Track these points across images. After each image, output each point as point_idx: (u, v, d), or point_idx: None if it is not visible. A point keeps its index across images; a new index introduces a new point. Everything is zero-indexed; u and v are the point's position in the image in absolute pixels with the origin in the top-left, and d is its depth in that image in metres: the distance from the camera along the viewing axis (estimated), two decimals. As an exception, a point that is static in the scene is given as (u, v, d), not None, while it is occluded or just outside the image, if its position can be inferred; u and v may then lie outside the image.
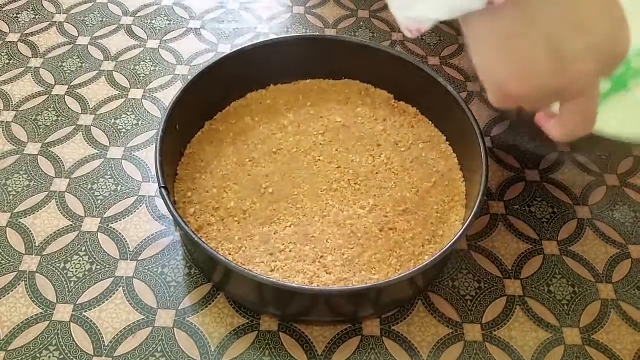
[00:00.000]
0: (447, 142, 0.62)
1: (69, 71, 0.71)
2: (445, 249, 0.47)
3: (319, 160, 0.59)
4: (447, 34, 0.79)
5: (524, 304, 0.54)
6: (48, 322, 0.50)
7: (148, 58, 0.73)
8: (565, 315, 0.53)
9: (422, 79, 0.60)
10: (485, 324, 0.52)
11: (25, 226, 0.56)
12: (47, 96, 0.68)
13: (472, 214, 0.49)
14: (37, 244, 0.55)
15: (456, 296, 0.54)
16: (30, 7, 0.79)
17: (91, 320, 0.51)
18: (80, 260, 0.54)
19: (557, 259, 0.57)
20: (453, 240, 0.48)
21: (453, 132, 0.61)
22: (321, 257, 0.52)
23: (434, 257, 0.47)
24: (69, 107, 0.67)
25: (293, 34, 0.78)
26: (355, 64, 0.65)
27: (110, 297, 0.52)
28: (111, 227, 0.57)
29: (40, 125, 0.65)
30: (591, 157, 0.66)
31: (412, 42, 0.77)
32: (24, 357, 0.48)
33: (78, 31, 0.76)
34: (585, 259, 0.57)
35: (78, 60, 0.72)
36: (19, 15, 0.77)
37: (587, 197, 0.62)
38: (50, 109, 0.67)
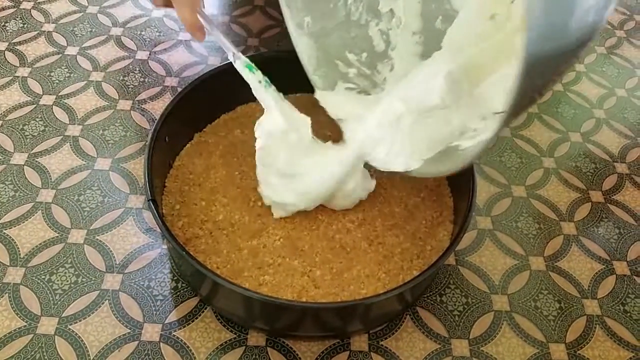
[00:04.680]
0: (435, 157, 0.62)
1: (57, 81, 0.71)
2: (434, 264, 0.47)
3: (308, 173, 0.59)
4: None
5: (511, 319, 0.54)
6: (32, 335, 0.50)
7: (137, 69, 0.73)
8: (551, 331, 0.54)
9: (411, 95, 0.61)
10: (472, 339, 0.52)
11: (10, 237, 0.56)
12: (34, 106, 0.67)
13: (461, 230, 0.49)
14: (22, 256, 0.54)
15: (444, 311, 0.54)
16: (19, 16, 0.78)
17: (76, 334, 0.50)
18: (65, 273, 0.54)
19: (544, 275, 0.58)
20: (442, 256, 0.48)
21: (441, 147, 0.61)
22: (310, 271, 0.52)
23: (422, 272, 0.47)
24: (56, 117, 0.67)
25: (283, 48, 0.78)
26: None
27: (96, 310, 0.52)
28: (97, 239, 0.56)
29: (27, 135, 0.64)
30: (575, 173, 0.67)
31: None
32: (6, 371, 0.48)
33: (67, 41, 0.76)
34: (571, 274, 0.58)
35: (66, 70, 0.72)
36: (6, 24, 0.77)
37: (573, 213, 0.63)
38: (37, 119, 0.66)
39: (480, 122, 0.46)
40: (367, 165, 0.52)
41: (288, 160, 0.52)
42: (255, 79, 0.52)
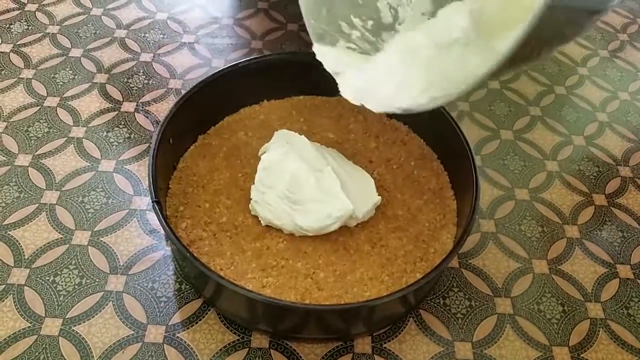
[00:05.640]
0: (438, 160, 0.62)
1: (61, 83, 0.71)
2: (437, 267, 0.47)
3: (312, 176, 0.59)
4: (439, 53, 0.80)
5: (514, 322, 0.54)
6: (36, 336, 0.50)
7: (141, 71, 0.73)
8: (554, 334, 0.54)
9: (414, 97, 0.61)
10: (476, 342, 0.52)
11: (15, 238, 0.56)
12: (38, 107, 0.68)
13: (464, 233, 0.49)
14: (26, 257, 0.55)
15: (447, 314, 0.54)
16: (24, 18, 0.79)
17: (80, 335, 0.50)
18: (69, 274, 0.54)
19: (547, 278, 0.58)
20: (445, 258, 0.48)
21: (444, 150, 0.62)
22: (313, 273, 0.52)
23: (426, 275, 0.47)
24: (60, 119, 0.67)
25: (287, 51, 0.78)
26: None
27: (100, 311, 0.52)
28: (101, 240, 0.57)
29: (31, 137, 0.65)
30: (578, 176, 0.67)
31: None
32: (10, 372, 0.48)
33: (71, 43, 0.76)
34: (574, 277, 0.58)
35: (71, 72, 0.72)
36: (11, 26, 0.77)
37: (576, 216, 0.63)
38: (41, 121, 0.66)
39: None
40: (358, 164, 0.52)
41: (292, 185, 0.52)
42: None
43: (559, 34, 0.36)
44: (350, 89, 0.51)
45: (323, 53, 0.54)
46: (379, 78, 0.49)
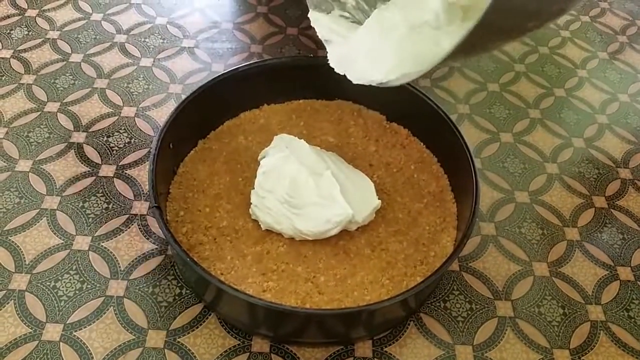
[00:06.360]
0: (438, 163, 0.62)
1: (61, 88, 0.71)
2: (438, 270, 0.47)
3: (312, 180, 0.59)
4: (438, 56, 0.80)
5: (515, 325, 0.54)
6: (37, 341, 0.50)
7: (141, 76, 0.73)
8: (555, 337, 0.54)
9: (413, 101, 0.61)
10: (476, 345, 0.52)
11: (15, 244, 0.56)
12: (39, 113, 0.68)
13: (464, 236, 0.49)
14: (27, 262, 0.55)
15: (448, 317, 0.54)
16: (24, 24, 0.79)
17: (81, 340, 0.50)
18: (70, 279, 0.54)
19: (547, 280, 0.58)
20: (446, 262, 0.48)
21: (444, 153, 0.62)
22: (314, 277, 0.52)
23: (426, 279, 0.47)
24: (61, 124, 0.67)
25: (286, 55, 0.79)
26: (347, 85, 0.65)
27: (101, 316, 0.52)
28: (102, 245, 0.57)
29: (32, 142, 0.65)
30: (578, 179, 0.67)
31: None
32: (11, 377, 0.48)
33: (71, 48, 0.76)
34: (574, 280, 0.58)
35: (71, 77, 0.72)
36: (12, 32, 0.77)
37: (576, 218, 0.63)
38: (42, 126, 0.66)
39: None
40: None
41: (292, 189, 0.53)
42: None
43: (526, 10, 0.35)
44: (336, 57, 0.51)
45: (317, 20, 0.55)
46: (359, 49, 0.50)
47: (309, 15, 0.55)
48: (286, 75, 0.65)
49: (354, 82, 0.49)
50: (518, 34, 0.42)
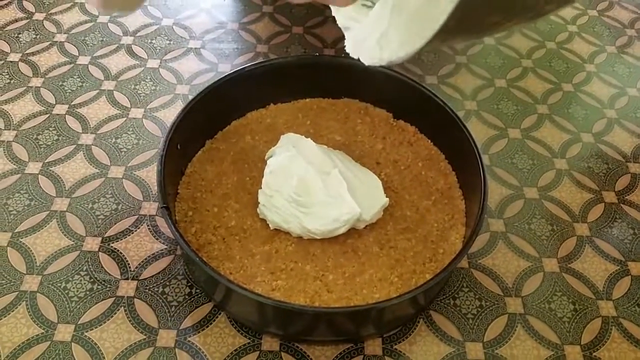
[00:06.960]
0: (446, 160, 0.62)
1: (69, 90, 0.71)
2: (447, 267, 0.47)
3: (319, 178, 0.59)
4: (444, 53, 0.80)
5: (525, 321, 0.54)
6: (49, 342, 0.50)
7: (148, 77, 0.74)
8: (566, 333, 0.53)
9: (420, 98, 0.61)
10: (487, 342, 0.52)
11: (26, 246, 0.56)
12: (47, 115, 0.68)
13: (473, 233, 0.49)
14: (37, 264, 0.55)
15: (457, 314, 0.54)
16: (31, 27, 0.79)
17: (92, 340, 0.50)
18: (81, 280, 0.54)
19: (557, 276, 0.57)
20: (455, 259, 0.48)
21: (451, 150, 0.61)
22: (322, 275, 0.52)
23: (435, 276, 0.47)
24: (69, 127, 0.67)
25: (292, 54, 0.79)
26: (354, 83, 0.65)
27: (112, 317, 0.52)
28: (112, 246, 0.57)
29: (41, 145, 0.65)
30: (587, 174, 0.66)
31: (410, 61, 0.78)
32: (24, 378, 0.48)
33: (78, 50, 0.77)
34: (585, 276, 0.58)
35: (78, 79, 0.73)
36: (20, 35, 0.78)
37: (586, 214, 0.63)
38: (50, 128, 0.67)
39: None
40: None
41: (299, 188, 0.53)
42: None
43: None
44: (351, 42, 0.52)
45: (338, 10, 0.55)
46: (369, 31, 0.50)
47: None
48: (292, 74, 0.65)
49: (366, 64, 0.48)
50: (521, 15, 0.42)
